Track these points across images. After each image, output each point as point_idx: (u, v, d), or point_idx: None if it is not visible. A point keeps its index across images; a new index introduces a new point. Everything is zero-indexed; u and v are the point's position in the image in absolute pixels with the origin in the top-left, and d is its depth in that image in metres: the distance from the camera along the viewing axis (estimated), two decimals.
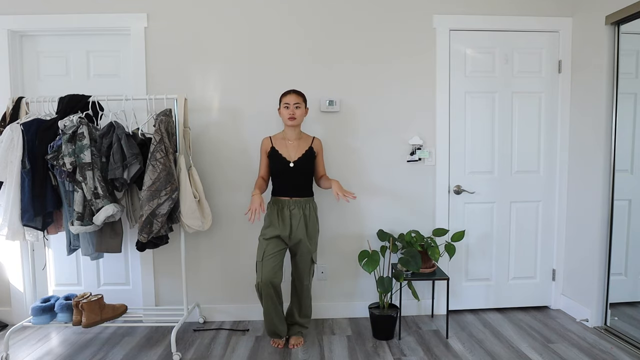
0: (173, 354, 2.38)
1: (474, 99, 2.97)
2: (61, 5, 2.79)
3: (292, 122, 2.43)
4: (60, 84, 2.86)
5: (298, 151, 2.49)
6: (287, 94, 2.46)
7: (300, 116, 2.46)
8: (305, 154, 2.49)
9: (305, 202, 2.49)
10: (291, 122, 2.43)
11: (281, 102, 2.47)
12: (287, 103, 2.43)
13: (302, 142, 2.52)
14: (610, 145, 2.66)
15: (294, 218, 2.44)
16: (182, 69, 2.84)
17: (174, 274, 2.91)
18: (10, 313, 2.89)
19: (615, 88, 2.63)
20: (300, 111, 2.46)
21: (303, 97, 2.49)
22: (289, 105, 2.43)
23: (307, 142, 2.54)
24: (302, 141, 2.52)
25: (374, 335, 2.68)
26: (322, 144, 2.65)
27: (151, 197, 2.31)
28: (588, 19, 2.79)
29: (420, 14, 2.90)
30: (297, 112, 2.44)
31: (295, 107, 2.43)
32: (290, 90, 2.48)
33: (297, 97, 2.44)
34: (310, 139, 2.57)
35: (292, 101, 2.43)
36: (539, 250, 3.08)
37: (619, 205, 2.67)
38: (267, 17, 2.85)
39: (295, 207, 2.45)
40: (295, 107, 2.43)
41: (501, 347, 2.52)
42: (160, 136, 2.36)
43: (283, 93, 2.49)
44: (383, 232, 2.83)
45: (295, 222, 2.44)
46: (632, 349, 2.45)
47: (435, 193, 2.98)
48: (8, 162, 2.32)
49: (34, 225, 2.36)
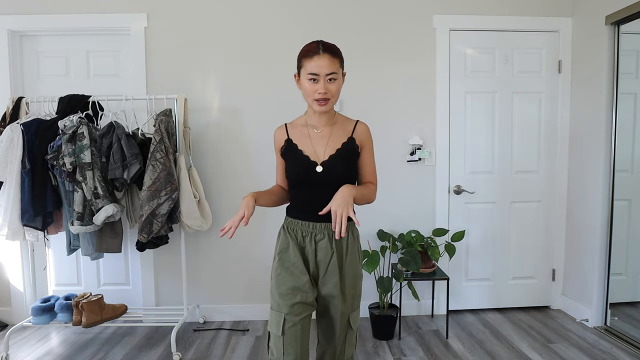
0: (173, 354, 2.38)
1: (474, 99, 2.97)
2: (61, 5, 2.79)
3: (322, 107, 1.45)
4: (60, 84, 2.86)
5: (330, 145, 1.52)
6: (314, 54, 1.41)
7: (337, 93, 1.46)
8: (341, 149, 1.51)
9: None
10: (321, 107, 1.45)
11: (302, 69, 1.46)
12: (314, 74, 1.41)
13: (336, 131, 1.54)
14: (610, 145, 2.66)
15: (321, 255, 1.50)
16: (182, 69, 2.84)
17: (174, 274, 2.90)
18: (10, 313, 2.89)
19: (615, 88, 2.62)
20: (336, 85, 1.45)
21: (340, 59, 1.46)
22: (319, 77, 1.41)
23: (344, 130, 1.55)
24: (336, 128, 1.55)
25: (374, 335, 2.68)
26: (369, 132, 1.59)
27: (151, 197, 2.31)
28: (588, 19, 2.79)
29: (420, 14, 2.90)
30: (333, 89, 1.43)
31: (329, 79, 1.42)
32: (319, 47, 1.41)
33: (332, 62, 1.41)
34: (351, 124, 1.57)
35: (324, 70, 1.40)
36: (539, 250, 3.08)
37: (619, 205, 2.66)
38: (267, 17, 2.85)
39: (324, 237, 1.50)
40: (329, 81, 1.42)
41: (501, 347, 2.52)
42: (160, 136, 2.36)
43: (305, 51, 1.44)
44: (383, 232, 2.83)
45: (322, 262, 1.51)
46: (632, 349, 2.45)
47: (435, 193, 2.97)
48: (8, 162, 2.32)
49: (34, 225, 2.36)
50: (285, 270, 1.50)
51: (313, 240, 1.51)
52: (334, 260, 1.50)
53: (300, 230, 1.52)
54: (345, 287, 1.52)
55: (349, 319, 1.54)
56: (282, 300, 1.47)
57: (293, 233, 1.53)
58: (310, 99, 1.46)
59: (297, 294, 1.47)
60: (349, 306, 1.54)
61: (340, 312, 1.51)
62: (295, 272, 1.49)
